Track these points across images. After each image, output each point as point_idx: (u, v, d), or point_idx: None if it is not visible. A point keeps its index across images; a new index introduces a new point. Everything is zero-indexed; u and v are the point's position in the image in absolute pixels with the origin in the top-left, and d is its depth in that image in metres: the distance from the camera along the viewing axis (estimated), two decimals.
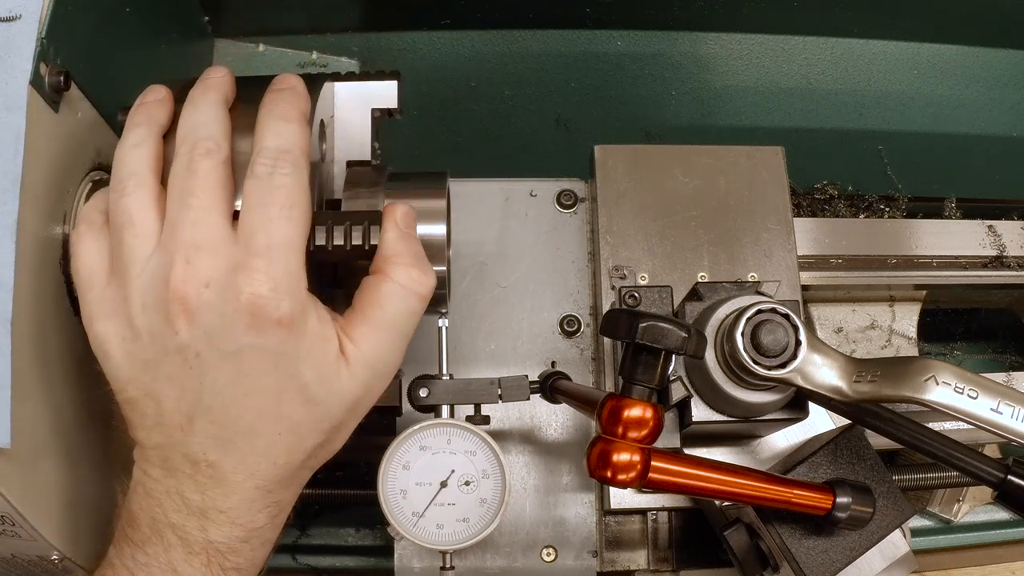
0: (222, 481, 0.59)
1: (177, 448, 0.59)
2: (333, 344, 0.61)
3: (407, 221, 0.66)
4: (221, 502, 0.59)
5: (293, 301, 0.58)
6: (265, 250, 0.58)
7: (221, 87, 0.65)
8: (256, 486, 0.60)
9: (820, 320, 1.02)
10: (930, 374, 0.63)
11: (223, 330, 0.57)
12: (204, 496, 0.59)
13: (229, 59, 1.19)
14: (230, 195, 0.60)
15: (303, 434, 0.61)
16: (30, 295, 0.65)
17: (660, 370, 0.63)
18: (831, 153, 1.24)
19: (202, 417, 0.58)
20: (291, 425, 0.60)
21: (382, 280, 0.63)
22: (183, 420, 0.59)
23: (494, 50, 1.22)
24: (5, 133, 0.62)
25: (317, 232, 0.63)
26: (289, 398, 0.59)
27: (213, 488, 0.59)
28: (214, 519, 0.59)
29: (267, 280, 0.57)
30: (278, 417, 0.59)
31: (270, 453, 0.60)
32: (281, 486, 0.61)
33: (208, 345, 0.57)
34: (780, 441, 0.82)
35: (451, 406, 0.77)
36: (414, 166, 0.79)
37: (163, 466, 0.60)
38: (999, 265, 1.01)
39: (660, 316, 0.61)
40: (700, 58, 1.23)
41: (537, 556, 0.87)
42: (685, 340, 0.61)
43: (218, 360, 0.57)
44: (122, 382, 0.60)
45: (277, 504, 0.62)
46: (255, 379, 0.58)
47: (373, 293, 0.63)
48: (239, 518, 0.60)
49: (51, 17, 0.66)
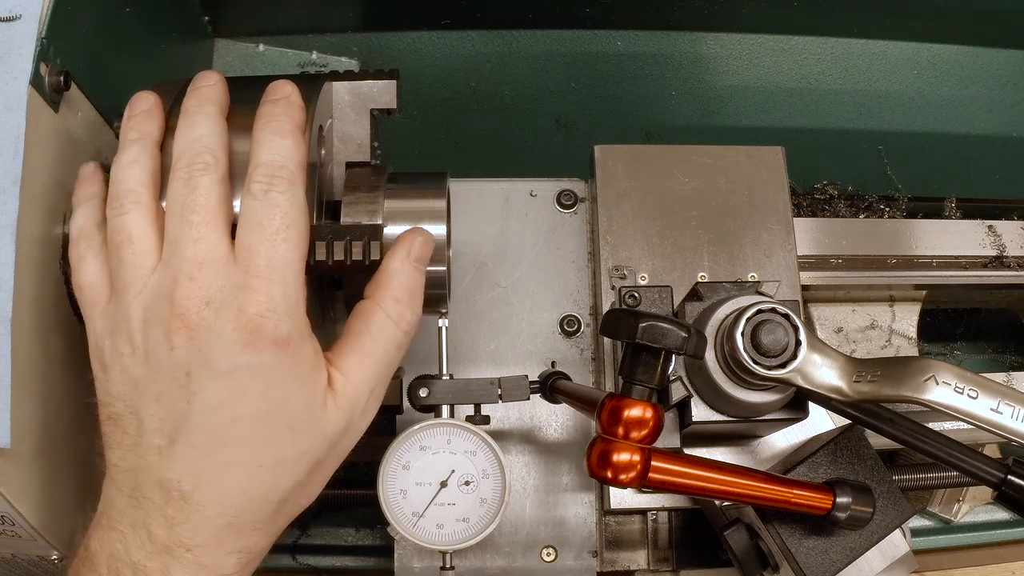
0: (192, 515, 0.56)
1: (151, 473, 0.57)
2: (323, 373, 0.60)
3: (420, 252, 0.65)
4: (189, 538, 0.56)
5: (292, 323, 0.58)
6: (265, 270, 0.57)
7: (215, 98, 0.64)
8: (228, 523, 0.57)
9: (820, 320, 1.02)
10: (930, 374, 0.63)
11: (220, 348, 0.56)
12: (172, 531, 0.56)
13: (229, 59, 1.19)
14: (229, 211, 0.60)
15: (284, 469, 0.59)
16: (30, 295, 0.65)
17: (660, 370, 0.63)
18: (831, 153, 1.24)
19: (184, 440, 0.56)
20: (273, 457, 0.58)
21: (374, 309, 0.63)
22: (163, 442, 0.57)
23: (494, 50, 1.22)
24: (5, 133, 0.62)
25: (317, 247, 0.63)
26: (275, 426, 0.58)
27: (182, 523, 0.56)
28: (179, 558, 0.56)
29: (267, 300, 0.57)
30: (261, 446, 0.58)
31: (247, 488, 0.57)
32: (254, 528, 0.58)
33: (202, 364, 0.56)
34: (780, 441, 0.82)
35: (451, 406, 0.77)
36: (414, 166, 0.79)
37: (132, 494, 0.57)
38: (999, 265, 1.01)
39: (660, 316, 0.61)
40: (700, 58, 1.23)
41: (537, 556, 0.87)
42: (685, 340, 0.61)
43: (210, 380, 0.56)
44: (111, 396, 0.59)
45: (248, 551, 0.59)
46: (244, 403, 0.57)
47: (364, 322, 0.63)
48: (206, 559, 0.56)
49: (51, 17, 0.66)
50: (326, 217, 0.76)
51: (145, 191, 0.61)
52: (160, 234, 0.59)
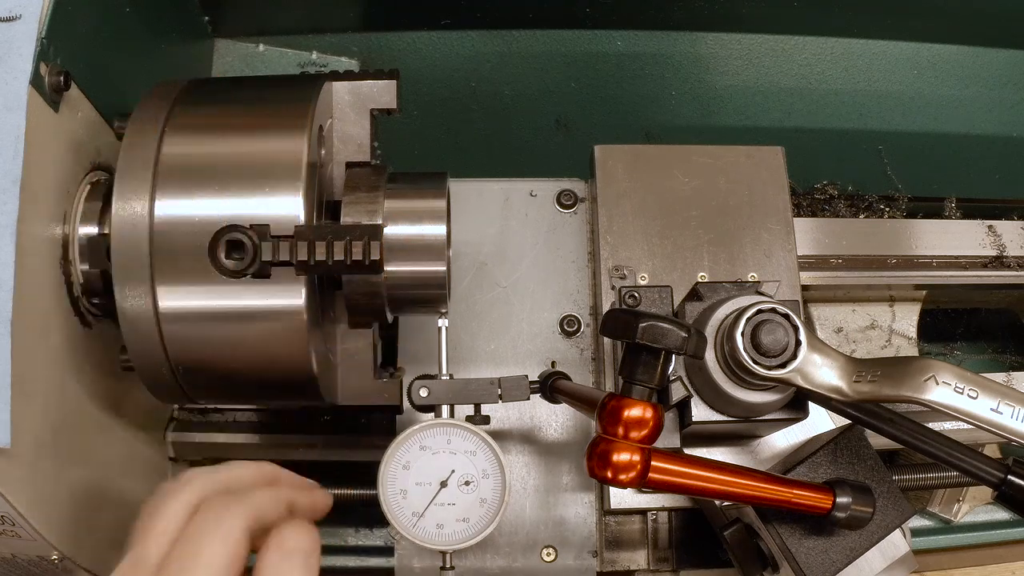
0: None
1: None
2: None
3: (298, 544, 0.57)
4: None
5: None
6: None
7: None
8: None
9: (820, 320, 1.02)
10: (930, 374, 0.63)
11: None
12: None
13: (229, 59, 1.19)
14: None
15: None
16: (30, 295, 0.65)
17: (660, 370, 0.63)
18: (831, 153, 1.24)
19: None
20: None
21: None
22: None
23: (494, 50, 1.22)
24: (5, 133, 0.62)
25: (317, 247, 0.63)
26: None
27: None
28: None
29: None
30: None
31: None
32: None
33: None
34: (780, 441, 0.82)
35: (451, 406, 0.77)
36: (414, 166, 0.79)
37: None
38: (999, 265, 1.01)
39: (660, 316, 0.61)
40: (700, 58, 1.23)
41: (537, 556, 0.87)
42: (685, 340, 0.61)
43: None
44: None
45: None
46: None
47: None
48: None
49: (51, 17, 0.66)
50: (326, 217, 0.76)
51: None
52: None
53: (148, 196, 0.69)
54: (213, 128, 0.73)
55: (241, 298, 0.69)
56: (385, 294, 0.76)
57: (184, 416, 1.00)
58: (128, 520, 0.58)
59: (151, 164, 0.69)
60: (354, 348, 0.81)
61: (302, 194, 0.68)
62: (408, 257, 0.76)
